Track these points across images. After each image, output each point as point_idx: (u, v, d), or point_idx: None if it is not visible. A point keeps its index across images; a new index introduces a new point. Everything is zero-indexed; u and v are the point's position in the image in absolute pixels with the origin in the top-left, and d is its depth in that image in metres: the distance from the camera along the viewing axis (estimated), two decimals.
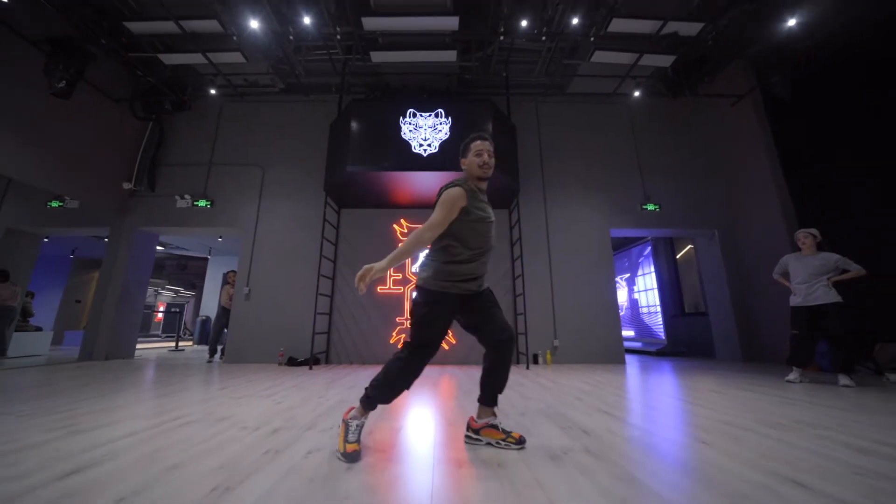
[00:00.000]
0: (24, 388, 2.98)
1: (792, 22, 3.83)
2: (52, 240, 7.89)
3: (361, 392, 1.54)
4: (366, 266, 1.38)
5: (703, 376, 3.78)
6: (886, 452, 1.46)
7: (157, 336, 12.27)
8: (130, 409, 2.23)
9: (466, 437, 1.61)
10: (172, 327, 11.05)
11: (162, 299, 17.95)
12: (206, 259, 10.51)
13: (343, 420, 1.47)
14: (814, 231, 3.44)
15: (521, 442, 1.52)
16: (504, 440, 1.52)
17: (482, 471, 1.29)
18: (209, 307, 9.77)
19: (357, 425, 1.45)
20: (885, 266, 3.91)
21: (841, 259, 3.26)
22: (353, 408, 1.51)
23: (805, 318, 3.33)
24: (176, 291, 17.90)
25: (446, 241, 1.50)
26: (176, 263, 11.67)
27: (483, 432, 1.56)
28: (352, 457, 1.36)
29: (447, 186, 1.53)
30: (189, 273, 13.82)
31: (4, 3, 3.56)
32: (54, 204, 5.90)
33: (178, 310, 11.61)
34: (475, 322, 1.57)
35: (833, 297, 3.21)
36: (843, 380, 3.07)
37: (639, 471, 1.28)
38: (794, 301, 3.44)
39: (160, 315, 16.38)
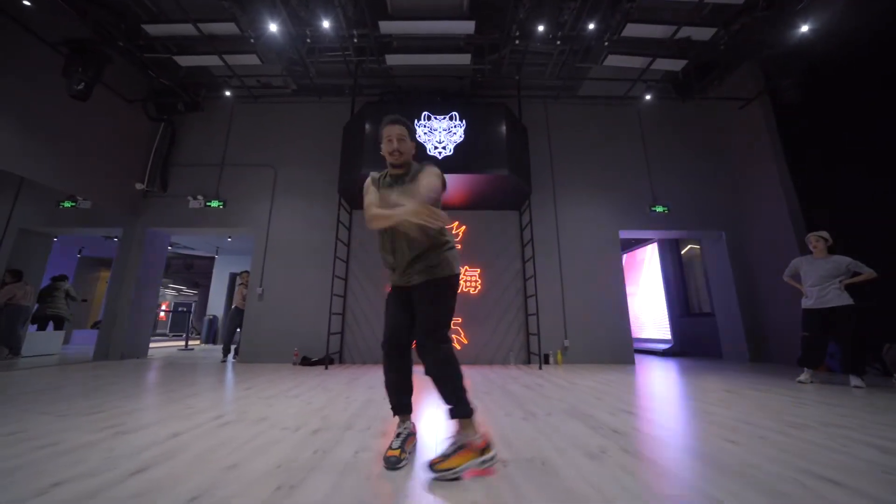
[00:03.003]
0: (53, 388, 3.03)
1: (805, 28, 3.89)
2: (59, 239, 7.93)
3: (383, 392, 1.59)
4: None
5: (713, 376, 3.85)
6: None
7: (164, 335, 12.31)
8: (166, 409, 2.28)
9: None
10: (179, 326, 11.07)
11: (164, 298, 17.95)
12: (213, 258, 10.54)
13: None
14: (825, 234, 3.50)
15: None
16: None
17: (526, 469, 1.35)
18: (216, 306, 9.82)
19: (400, 431, 1.49)
20: (892, 268, 3.98)
21: (853, 262, 3.32)
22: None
23: (817, 320, 3.40)
24: (178, 290, 17.93)
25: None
26: (182, 263, 11.70)
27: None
28: (390, 461, 1.34)
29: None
30: (194, 272, 13.85)
31: (27, 5, 3.60)
32: (67, 204, 5.92)
33: (185, 309, 11.64)
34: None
35: (845, 300, 3.28)
36: (855, 381, 3.14)
37: (677, 467, 1.34)
38: (806, 303, 3.50)
39: (162, 314, 16.42)
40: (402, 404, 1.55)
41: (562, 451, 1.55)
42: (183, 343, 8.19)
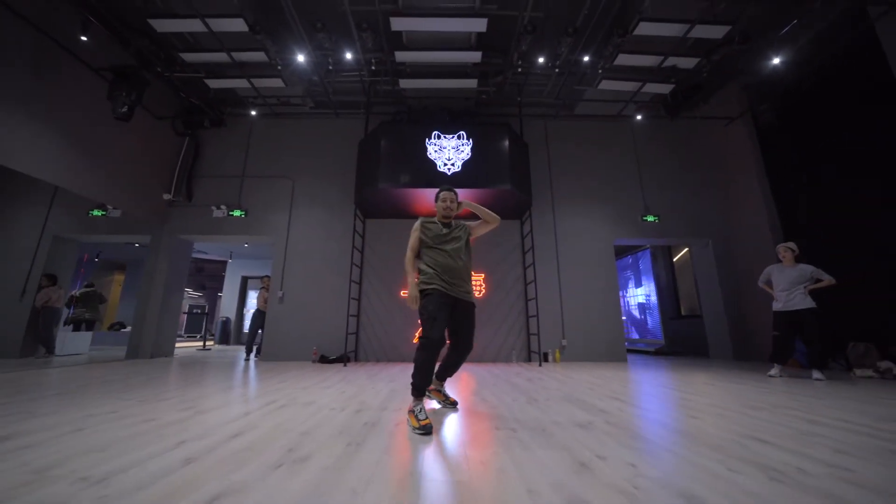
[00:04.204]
0: (108, 381, 3.43)
1: (777, 60, 4.35)
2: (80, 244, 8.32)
3: (403, 384, 2.05)
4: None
5: (698, 372, 4.28)
6: (830, 423, 1.95)
7: (179, 335, 12.68)
8: (223, 397, 2.69)
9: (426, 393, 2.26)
10: (194, 327, 11.51)
11: None
12: (224, 262, 10.94)
13: (409, 412, 1.94)
14: (792, 245, 3.95)
15: (454, 404, 2.32)
16: (444, 401, 2.33)
17: (531, 433, 1.77)
18: (229, 309, 10.20)
19: (421, 408, 1.91)
20: (859, 274, 4.42)
21: (816, 270, 3.77)
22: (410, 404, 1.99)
23: (785, 321, 3.83)
24: (185, 293, 18.28)
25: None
26: (193, 266, 12.10)
27: (433, 393, 2.36)
28: (427, 428, 1.77)
29: None
30: (202, 275, 14.22)
31: (84, 40, 4.03)
32: (97, 213, 6.32)
33: (200, 311, 12.02)
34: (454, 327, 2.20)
35: (809, 303, 3.72)
36: (816, 374, 3.57)
37: (647, 433, 1.76)
38: (776, 306, 3.94)
39: None
40: (427, 387, 2.02)
41: (558, 423, 1.96)
42: (200, 343, 8.58)
